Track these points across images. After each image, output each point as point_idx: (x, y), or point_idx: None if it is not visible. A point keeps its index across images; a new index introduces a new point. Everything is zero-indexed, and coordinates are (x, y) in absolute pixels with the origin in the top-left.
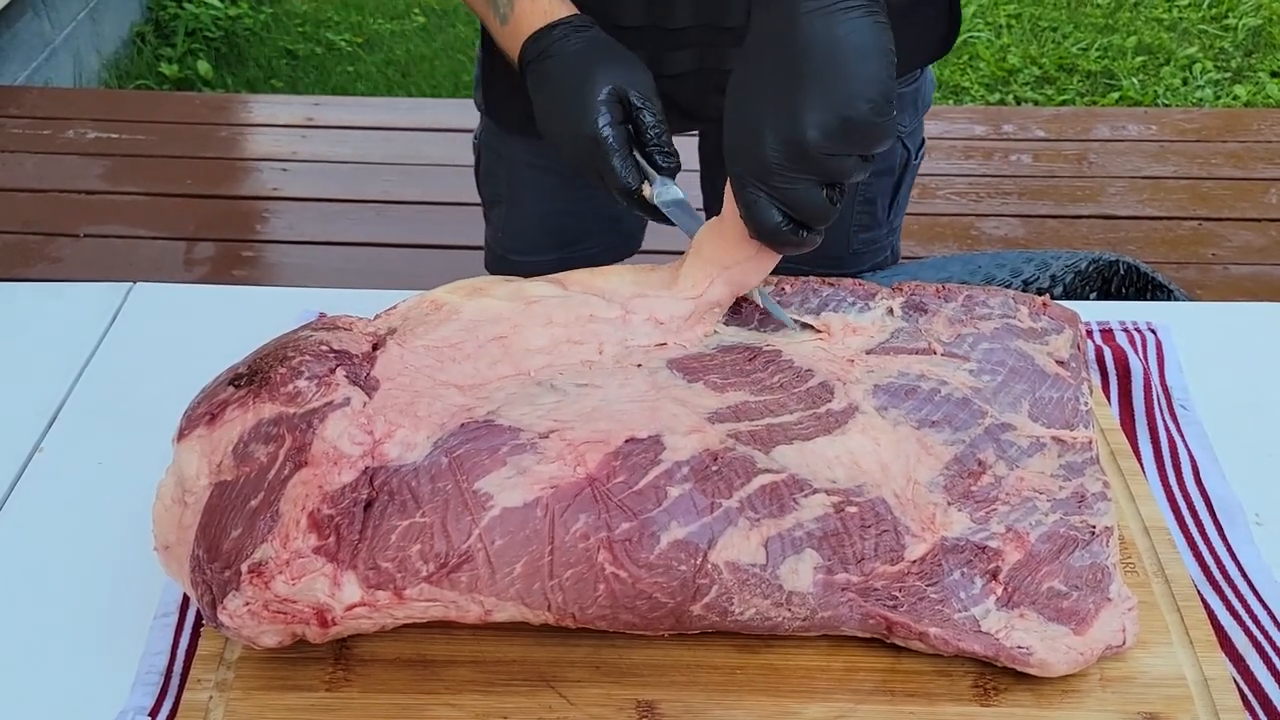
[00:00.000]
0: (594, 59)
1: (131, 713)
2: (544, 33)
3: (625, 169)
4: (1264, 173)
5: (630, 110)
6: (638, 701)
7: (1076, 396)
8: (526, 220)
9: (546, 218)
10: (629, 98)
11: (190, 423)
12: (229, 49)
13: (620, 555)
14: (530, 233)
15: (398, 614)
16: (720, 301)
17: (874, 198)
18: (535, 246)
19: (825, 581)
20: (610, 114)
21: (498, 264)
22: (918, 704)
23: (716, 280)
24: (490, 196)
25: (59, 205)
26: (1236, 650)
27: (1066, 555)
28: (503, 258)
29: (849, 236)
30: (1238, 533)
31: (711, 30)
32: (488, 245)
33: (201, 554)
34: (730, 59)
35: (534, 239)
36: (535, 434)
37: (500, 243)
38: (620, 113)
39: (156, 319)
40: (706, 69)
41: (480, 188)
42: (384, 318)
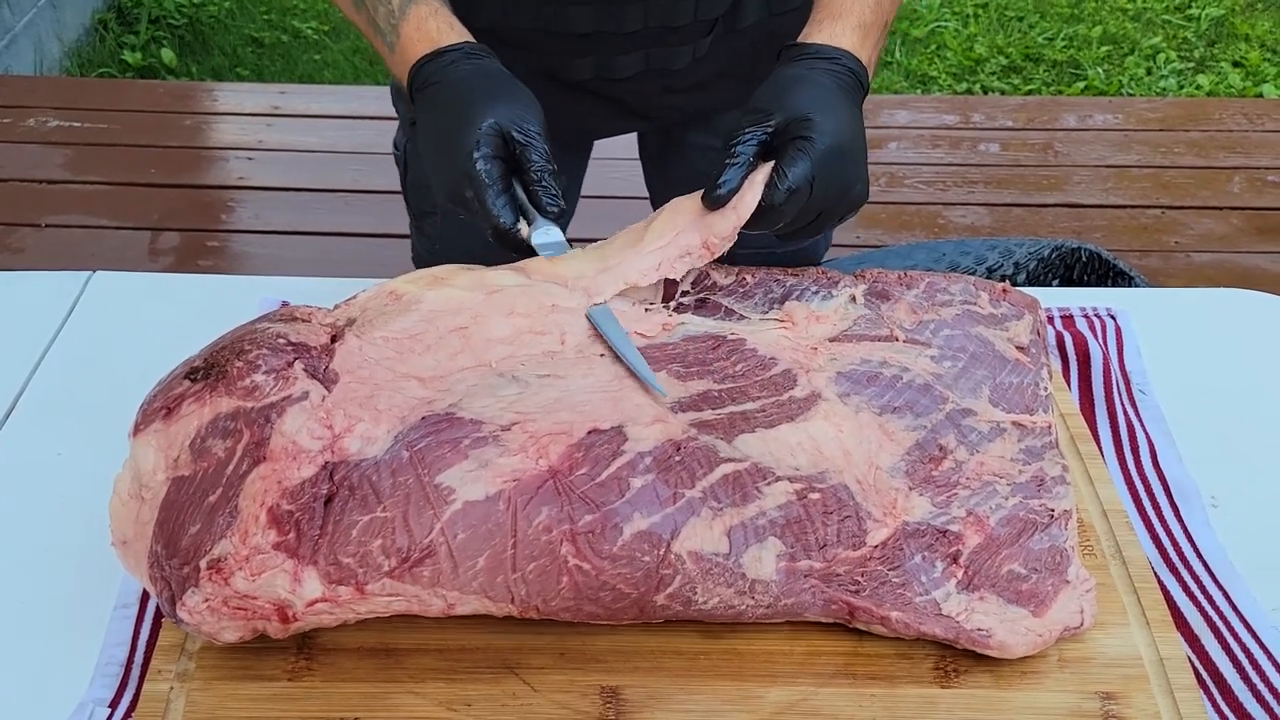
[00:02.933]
0: (480, 89)
1: (91, 705)
2: (431, 59)
3: (498, 206)
4: (1226, 161)
5: (513, 147)
6: (602, 687)
7: (1036, 382)
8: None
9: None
10: (511, 134)
11: (146, 417)
12: (193, 36)
13: (583, 547)
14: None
15: (360, 609)
16: (690, 250)
17: None
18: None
19: (788, 568)
20: (488, 147)
21: None
22: (879, 686)
23: (686, 228)
24: (422, 208)
25: (20, 195)
26: (1192, 630)
27: (1026, 538)
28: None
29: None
30: (1194, 515)
31: (660, 31)
32: (421, 260)
33: (160, 550)
34: (677, 58)
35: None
36: (497, 426)
37: (437, 254)
38: (500, 148)
39: (116, 308)
40: (654, 70)
41: (408, 199)
42: (342, 309)
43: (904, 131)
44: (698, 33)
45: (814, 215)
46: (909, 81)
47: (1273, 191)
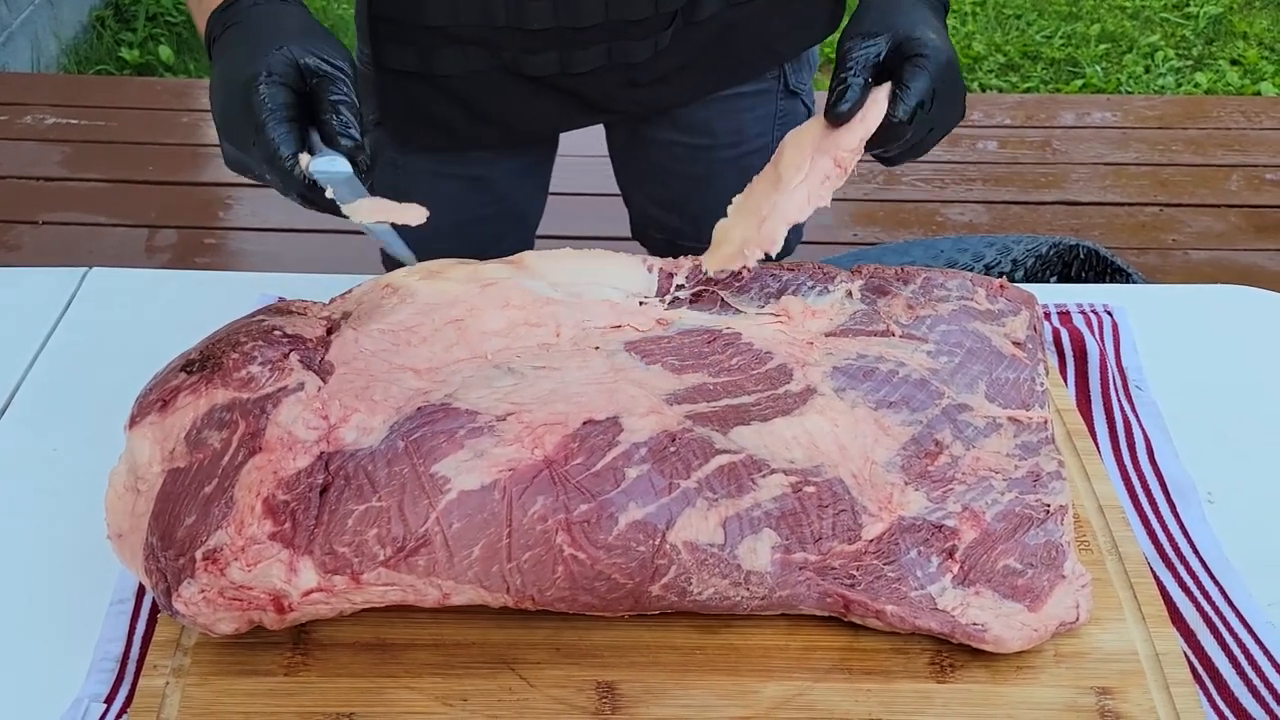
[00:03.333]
0: (273, 25)
1: (86, 700)
2: (230, 4)
3: (280, 134)
4: (1224, 159)
5: (309, 79)
6: (598, 682)
7: (1032, 377)
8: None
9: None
10: (305, 62)
11: (142, 409)
12: (191, 34)
13: (578, 537)
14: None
15: (355, 599)
16: (828, 174)
17: None
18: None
19: (783, 561)
20: (275, 74)
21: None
22: (875, 681)
23: (816, 154)
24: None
25: (17, 192)
26: (1188, 625)
27: (1022, 533)
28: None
29: None
30: (1190, 510)
31: (620, 25)
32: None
33: (155, 542)
34: (638, 52)
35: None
36: (493, 417)
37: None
38: (291, 77)
39: (112, 304)
40: (616, 64)
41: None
42: (338, 302)
43: None
44: (658, 25)
45: (927, 130)
46: None
47: (1270, 189)
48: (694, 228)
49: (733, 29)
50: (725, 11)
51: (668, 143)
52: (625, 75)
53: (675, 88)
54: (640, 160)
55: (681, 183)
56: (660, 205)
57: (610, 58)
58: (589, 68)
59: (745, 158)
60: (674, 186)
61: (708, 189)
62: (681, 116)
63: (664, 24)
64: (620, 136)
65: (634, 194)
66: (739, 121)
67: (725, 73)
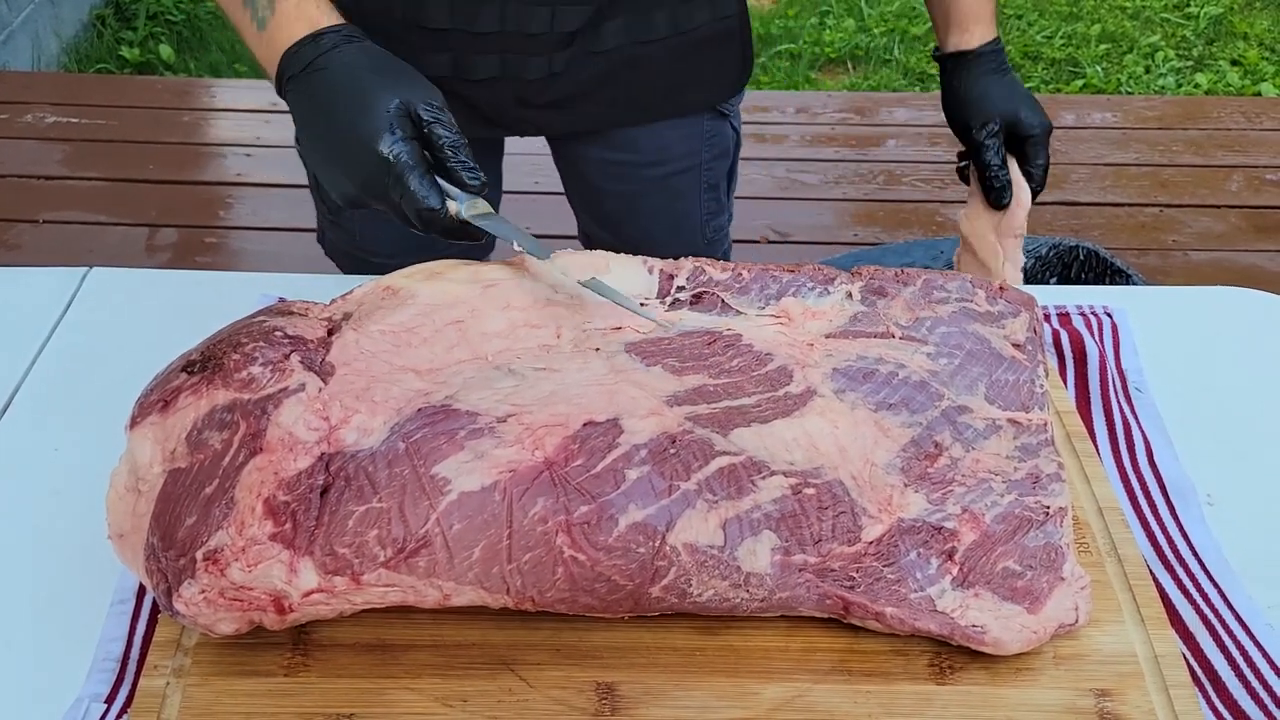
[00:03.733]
0: (372, 72)
1: (87, 700)
2: (308, 42)
3: (424, 189)
4: (1224, 160)
5: (421, 126)
6: (597, 684)
7: (1032, 379)
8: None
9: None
10: (418, 112)
11: (143, 410)
12: (191, 33)
13: (579, 538)
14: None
15: (356, 600)
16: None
17: (716, 182)
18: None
19: (783, 562)
20: (400, 130)
21: (359, 266)
22: (875, 683)
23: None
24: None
25: (17, 191)
26: (1187, 627)
27: (1021, 535)
28: (365, 260)
29: (702, 226)
30: (1190, 512)
31: (516, 37)
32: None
33: (156, 542)
34: (531, 68)
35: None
36: (493, 418)
37: (358, 247)
38: (410, 129)
39: (113, 304)
40: (509, 76)
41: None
42: (339, 303)
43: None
44: (554, 45)
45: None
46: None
47: (1271, 190)
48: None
49: (634, 67)
50: (629, 46)
51: (598, 160)
52: (517, 92)
53: (568, 115)
54: (575, 175)
55: (612, 200)
56: (597, 223)
57: (504, 69)
58: (483, 75)
59: (671, 178)
60: (605, 204)
61: (637, 208)
62: (609, 133)
63: (561, 44)
64: (558, 149)
65: (577, 210)
66: (663, 140)
67: (621, 112)
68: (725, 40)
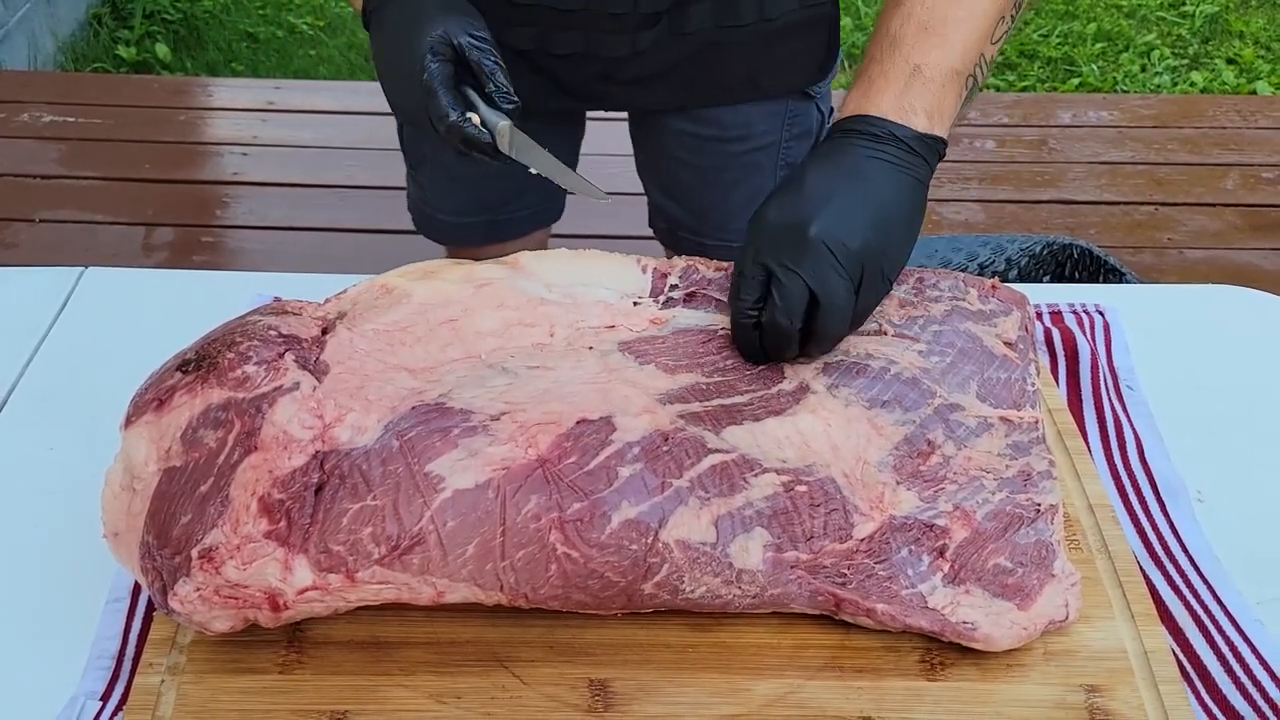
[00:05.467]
0: (426, 5)
1: (82, 698)
2: None
3: (447, 102)
4: (1219, 158)
5: (463, 53)
6: (590, 680)
7: (1024, 377)
8: (453, 182)
9: (472, 180)
10: (459, 40)
11: (138, 409)
12: (188, 32)
13: (572, 535)
14: (457, 195)
15: (350, 597)
16: None
17: (793, 161)
18: (462, 208)
19: (775, 559)
20: (438, 55)
21: (427, 223)
22: (866, 679)
23: None
24: (416, 157)
25: (13, 190)
26: (1176, 623)
27: (1012, 533)
28: (432, 217)
29: None
30: (1180, 509)
31: (600, 16)
32: (414, 204)
33: (151, 540)
34: (614, 46)
35: (460, 200)
36: (487, 416)
37: (428, 202)
38: (449, 54)
39: (109, 304)
40: (592, 53)
41: (404, 148)
42: (334, 302)
43: None
44: (638, 24)
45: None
46: None
47: (1266, 188)
48: (696, 220)
49: (717, 50)
50: (713, 31)
51: (677, 131)
52: (600, 68)
53: (652, 93)
54: (653, 144)
55: (688, 172)
56: (666, 194)
57: (587, 46)
58: (564, 51)
59: (752, 154)
60: (680, 175)
61: (712, 182)
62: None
63: (644, 25)
64: (637, 120)
65: (646, 181)
66: (746, 117)
67: (703, 92)
68: (813, 27)
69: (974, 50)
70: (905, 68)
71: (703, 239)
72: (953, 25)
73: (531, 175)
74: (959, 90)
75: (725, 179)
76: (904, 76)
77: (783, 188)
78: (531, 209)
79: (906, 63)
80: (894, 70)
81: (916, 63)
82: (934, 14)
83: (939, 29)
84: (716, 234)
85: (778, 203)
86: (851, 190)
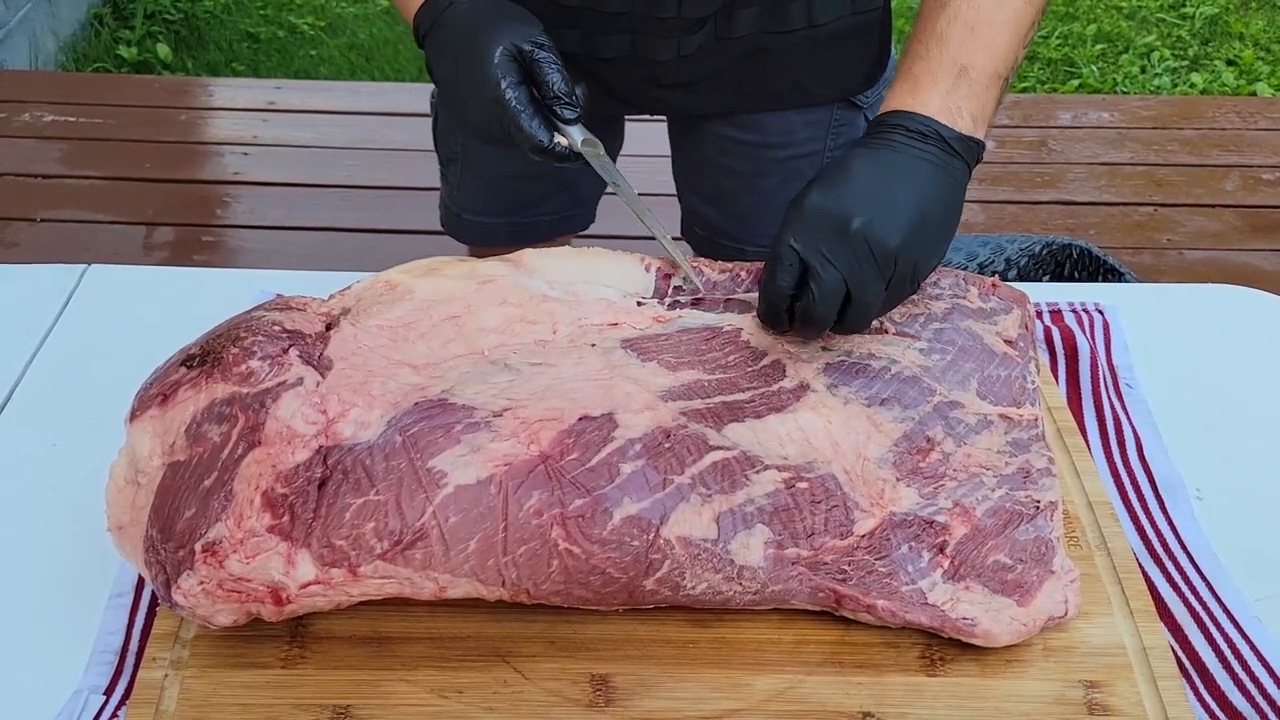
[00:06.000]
0: (484, 21)
1: (86, 692)
2: (430, 2)
3: (534, 127)
4: (1219, 159)
5: (527, 63)
6: (592, 675)
7: (1024, 375)
8: (481, 182)
9: (501, 181)
10: (523, 52)
11: (143, 403)
12: (189, 32)
13: (573, 531)
14: (485, 195)
15: (353, 591)
16: None
17: None
18: (490, 209)
19: (775, 556)
20: (509, 74)
21: (454, 222)
22: (866, 674)
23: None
24: (446, 154)
25: (15, 189)
26: (1175, 620)
27: (1012, 529)
28: (458, 215)
29: None
30: (1179, 507)
31: (646, 19)
32: (443, 203)
33: (155, 534)
34: (660, 50)
35: (488, 201)
36: (489, 412)
37: (455, 200)
38: (518, 71)
39: (111, 301)
40: (637, 57)
41: (437, 144)
42: (337, 298)
43: None
44: (684, 28)
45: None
46: None
47: (1266, 189)
48: (736, 226)
49: (765, 55)
50: (761, 35)
51: (720, 136)
52: (647, 71)
53: (699, 97)
54: (693, 150)
55: (729, 178)
56: (706, 200)
57: (633, 50)
58: (611, 54)
59: (794, 161)
60: (722, 182)
61: (754, 188)
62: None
63: (691, 29)
64: (678, 124)
65: (684, 187)
66: (790, 124)
67: (750, 98)
68: (863, 33)
69: (1013, 53)
70: (952, 68)
71: (743, 245)
72: (997, 27)
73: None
74: (999, 93)
75: (767, 185)
76: (951, 77)
77: (826, 175)
78: (558, 214)
79: (954, 63)
80: (941, 70)
81: (963, 63)
82: (980, 14)
83: (984, 30)
84: (757, 240)
85: (821, 190)
86: (896, 187)
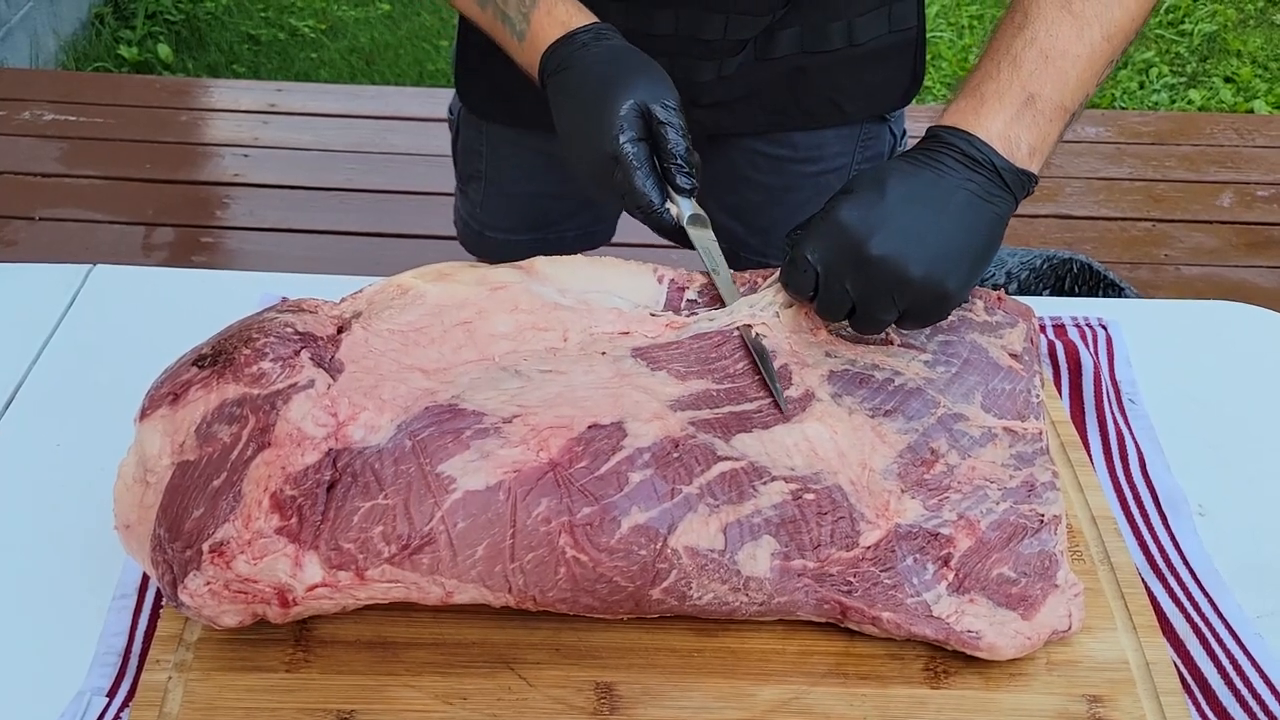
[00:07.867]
0: (616, 70)
1: (89, 693)
2: (563, 43)
3: (647, 188)
4: (1216, 175)
5: (652, 124)
6: (596, 683)
7: (1028, 389)
8: (505, 199)
9: (525, 198)
10: (652, 112)
11: (153, 402)
12: (190, 33)
13: (581, 539)
14: (508, 212)
15: (359, 595)
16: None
17: None
18: (512, 226)
19: (782, 567)
20: (632, 130)
21: (475, 239)
22: (870, 686)
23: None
24: (468, 172)
25: (14, 188)
26: (1177, 635)
27: (1016, 543)
28: (480, 233)
29: None
30: (1181, 522)
31: (690, 41)
32: (462, 220)
33: (163, 533)
34: (701, 71)
35: (511, 218)
36: (499, 418)
37: (477, 218)
38: (642, 128)
39: (116, 301)
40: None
41: (457, 162)
42: (349, 301)
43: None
44: (726, 50)
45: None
46: None
47: (1262, 206)
48: (761, 240)
49: (803, 75)
50: (800, 55)
51: (751, 151)
52: (686, 92)
53: (736, 116)
54: (722, 164)
55: (757, 192)
56: (730, 213)
57: (673, 69)
58: None
59: (824, 175)
60: (749, 195)
61: (781, 201)
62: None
63: (732, 50)
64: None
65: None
66: (821, 139)
67: (786, 116)
68: (900, 51)
69: (1084, 89)
70: (1020, 94)
71: (767, 257)
72: (1071, 60)
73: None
74: (1062, 127)
75: (795, 199)
76: (1018, 103)
77: (861, 188)
78: (580, 229)
79: (1023, 89)
80: (1009, 94)
81: (1033, 91)
82: (1056, 45)
83: (1059, 61)
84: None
85: (850, 205)
86: (930, 216)
